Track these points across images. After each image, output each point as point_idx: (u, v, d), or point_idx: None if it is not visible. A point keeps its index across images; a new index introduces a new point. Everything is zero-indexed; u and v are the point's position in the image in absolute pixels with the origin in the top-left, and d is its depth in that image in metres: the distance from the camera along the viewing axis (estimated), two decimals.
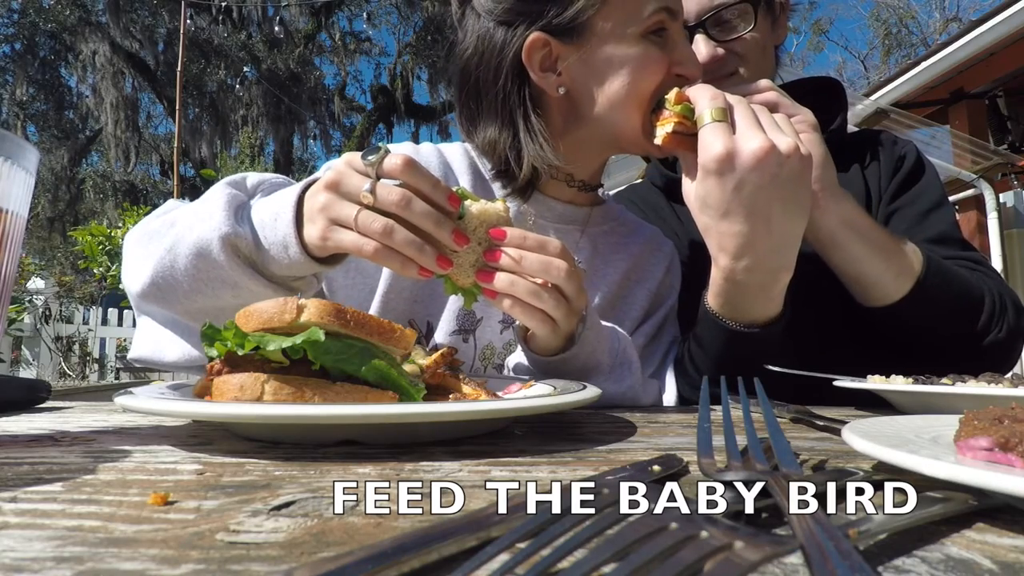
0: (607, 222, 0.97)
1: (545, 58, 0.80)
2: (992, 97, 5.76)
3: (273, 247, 0.65)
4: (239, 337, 0.46)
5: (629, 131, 0.81)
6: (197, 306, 0.70)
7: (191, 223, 0.66)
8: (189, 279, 0.67)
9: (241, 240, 0.65)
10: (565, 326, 0.66)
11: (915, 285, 0.80)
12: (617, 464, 0.38)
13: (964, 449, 0.33)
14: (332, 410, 0.39)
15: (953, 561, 0.23)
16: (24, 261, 6.22)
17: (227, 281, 0.66)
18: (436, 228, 0.58)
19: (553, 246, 0.62)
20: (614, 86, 0.79)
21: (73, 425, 0.53)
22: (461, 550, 0.22)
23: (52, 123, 15.11)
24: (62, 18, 13.94)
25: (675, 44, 0.80)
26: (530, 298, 0.61)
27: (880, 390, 0.63)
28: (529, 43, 0.78)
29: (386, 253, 0.58)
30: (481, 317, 0.86)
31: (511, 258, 0.61)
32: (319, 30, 16.07)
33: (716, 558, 0.18)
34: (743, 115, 0.68)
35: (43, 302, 6.22)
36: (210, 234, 0.64)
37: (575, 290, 0.64)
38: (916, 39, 17.37)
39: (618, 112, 0.80)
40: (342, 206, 0.59)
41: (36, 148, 0.45)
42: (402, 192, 0.58)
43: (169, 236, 0.68)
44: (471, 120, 0.88)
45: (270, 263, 0.66)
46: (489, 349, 0.86)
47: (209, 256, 0.65)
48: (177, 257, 0.66)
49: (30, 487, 0.32)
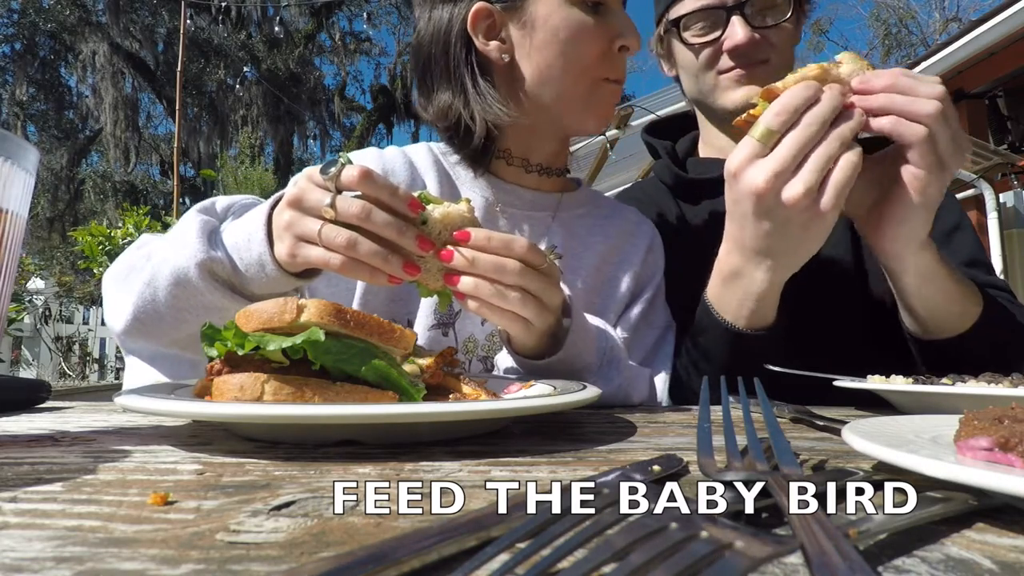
0: (581, 206, 0.97)
1: (490, 27, 0.85)
2: (992, 97, 5.76)
3: (250, 268, 0.66)
4: (239, 337, 0.46)
5: (569, 103, 0.85)
6: (183, 335, 0.70)
7: (166, 255, 0.67)
8: (171, 310, 0.68)
9: (217, 264, 0.66)
10: (540, 323, 0.65)
11: (972, 326, 0.78)
12: (617, 464, 0.38)
13: (964, 449, 0.33)
14: (332, 410, 0.39)
15: (953, 561, 0.23)
16: (24, 261, 6.22)
17: (209, 306, 0.67)
18: (399, 236, 0.58)
19: (519, 245, 0.61)
20: (551, 53, 0.83)
21: (73, 425, 0.53)
22: (461, 550, 0.22)
23: (52, 123, 15.11)
24: (62, 18, 13.94)
25: (612, 15, 0.84)
26: (494, 299, 0.61)
27: (880, 390, 0.63)
28: (473, 13, 0.84)
29: (353, 265, 0.58)
30: (459, 310, 0.87)
31: (464, 259, 0.60)
32: (319, 30, 16.07)
33: (716, 558, 0.18)
34: (785, 146, 0.65)
35: (43, 302, 6.22)
36: (186, 262, 0.65)
37: (542, 287, 0.63)
38: (916, 39, 17.37)
39: (558, 82, 0.84)
40: (305, 222, 0.60)
41: (36, 148, 0.45)
42: (361, 204, 0.58)
43: (147, 270, 0.69)
44: (427, 95, 0.91)
45: (249, 283, 0.67)
46: (471, 341, 0.87)
47: (188, 284, 0.66)
48: (157, 290, 0.67)
49: (30, 487, 0.32)
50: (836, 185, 0.64)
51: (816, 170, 0.64)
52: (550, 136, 0.92)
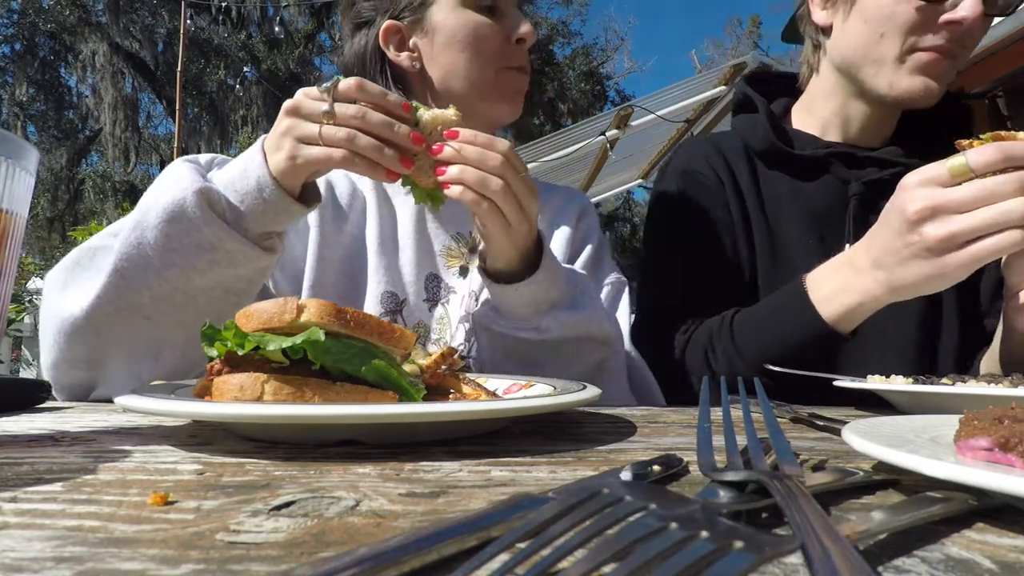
0: None
1: (400, 41, 0.94)
2: (992, 97, 5.76)
3: (247, 198, 0.68)
4: (239, 337, 0.46)
5: (480, 93, 0.92)
6: (165, 289, 0.68)
7: (158, 195, 0.67)
8: (160, 251, 0.67)
9: (214, 195, 0.67)
10: (517, 226, 0.70)
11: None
12: (617, 464, 0.38)
13: (964, 449, 0.33)
14: (332, 410, 0.39)
15: (953, 561, 0.23)
16: (24, 261, 6.22)
17: (202, 244, 0.67)
18: (393, 132, 0.64)
19: (501, 143, 0.68)
20: (453, 52, 0.91)
21: (73, 425, 0.53)
22: (461, 550, 0.22)
23: (52, 123, 15.11)
24: (62, 18, 13.94)
25: (504, 14, 0.92)
26: (477, 185, 0.67)
27: (880, 390, 0.63)
28: (383, 30, 0.93)
29: (352, 158, 0.64)
30: (404, 298, 0.91)
31: (452, 148, 0.67)
32: (319, 30, 16.06)
33: (716, 558, 0.18)
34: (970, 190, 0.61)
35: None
36: (182, 193, 0.66)
37: (521, 187, 0.69)
38: None
39: (464, 77, 0.91)
40: (305, 126, 0.65)
41: (36, 148, 0.45)
42: (358, 106, 0.64)
43: (130, 220, 0.68)
44: None
45: (244, 219, 0.68)
46: (421, 327, 0.91)
47: (184, 217, 0.66)
48: (145, 231, 0.67)
49: (30, 487, 0.32)
50: (981, 251, 0.61)
51: (979, 225, 0.60)
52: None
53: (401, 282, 0.92)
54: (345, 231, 0.93)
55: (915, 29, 0.84)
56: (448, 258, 0.96)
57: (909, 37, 0.85)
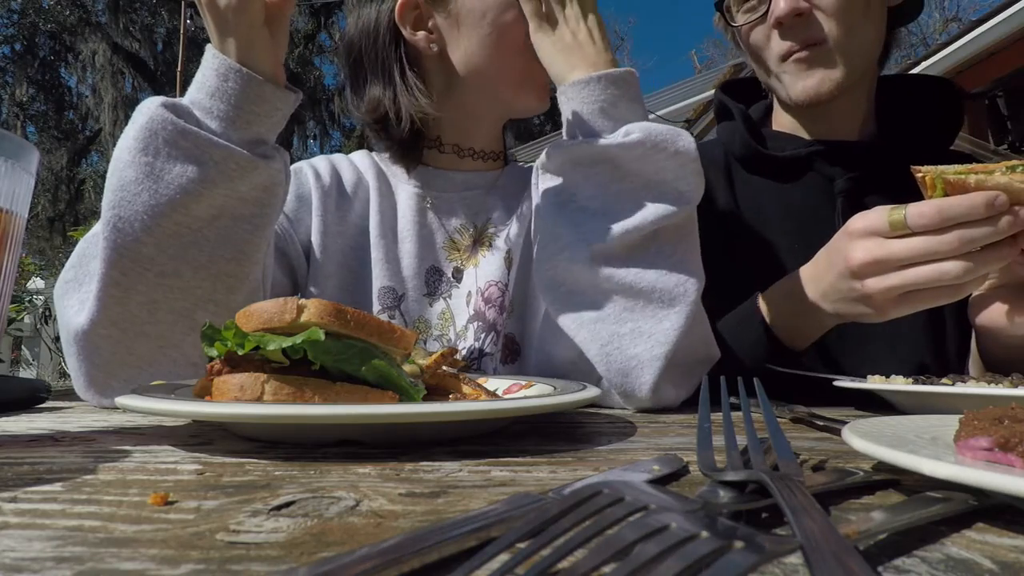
0: (520, 179, 0.98)
1: (417, 18, 0.86)
2: (992, 97, 5.75)
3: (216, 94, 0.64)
4: (239, 337, 0.46)
5: (506, 83, 0.86)
6: (166, 228, 0.62)
7: (124, 134, 0.63)
8: (145, 185, 0.61)
9: (181, 107, 0.63)
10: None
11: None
12: (617, 464, 0.38)
13: (964, 449, 0.33)
14: (332, 410, 0.39)
15: (953, 561, 0.23)
16: (24, 261, 6.22)
17: (187, 160, 0.61)
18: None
19: None
20: (480, 34, 0.84)
21: (73, 425, 0.53)
22: (461, 550, 0.22)
23: (52, 123, 15.10)
24: (62, 18, 13.93)
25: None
26: None
27: (880, 390, 0.63)
28: (400, 4, 0.85)
29: None
30: (403, 293, 0.89)
31: None
32: (319, 30, 16.04)
33: (716, 558, 0.18)
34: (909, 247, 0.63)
35: (43, 302, 6.21)
36: (148, 115, 0.62)
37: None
38: (916, 39, 17.34)
39: (490, 65, 0.85)
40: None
41: (36, 148, 0.45)
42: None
43: (108, 173, 0.63)
44: (358, 92, 0.92)
45: (223, 124, 0.64)
46: (421, 322, 0.89)
47: (156, 136, 0.61)
48: (124, 170, 0.61)
49: (30, 487, 0.32)
50: (918, 302, 0.65)
51: (915, 281, 0.63)
52: (489, 120, 0.94)
53: (400, 275, 0.89)
54: (349, 220, 0.91)
55: (767, 46, 0.92)
56: (450, 251, 0.93)
57: (769, 54, 0.92)
